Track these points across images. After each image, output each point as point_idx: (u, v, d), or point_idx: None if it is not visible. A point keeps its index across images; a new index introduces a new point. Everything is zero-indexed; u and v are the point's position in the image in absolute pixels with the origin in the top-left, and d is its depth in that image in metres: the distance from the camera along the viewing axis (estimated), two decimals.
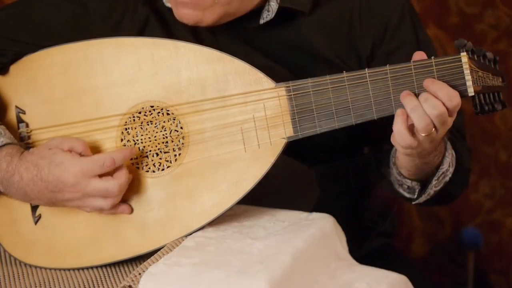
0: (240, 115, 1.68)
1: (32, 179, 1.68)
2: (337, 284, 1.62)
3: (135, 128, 1.72)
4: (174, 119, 1.71)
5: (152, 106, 1.71)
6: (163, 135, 1.71)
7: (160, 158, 1.71)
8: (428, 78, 1.60)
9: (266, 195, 1.74)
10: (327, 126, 1.66)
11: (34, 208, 1.76)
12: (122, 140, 1.72)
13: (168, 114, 1.71)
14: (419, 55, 1.63)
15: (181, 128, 1.70)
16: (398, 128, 1.59)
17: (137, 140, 1.72)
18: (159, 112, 1.71)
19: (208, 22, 1.72)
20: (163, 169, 1.71)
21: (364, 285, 1.61)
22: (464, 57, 1.61)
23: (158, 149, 1.71)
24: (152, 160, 1.72)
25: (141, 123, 1.72)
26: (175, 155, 1.71)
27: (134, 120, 1.72)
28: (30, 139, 1.77)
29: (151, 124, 1.72)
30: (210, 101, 1.69)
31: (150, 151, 1.72)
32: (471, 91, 1.61)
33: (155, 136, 1.72)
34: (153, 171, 1.71)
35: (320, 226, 1.70)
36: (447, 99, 1.58)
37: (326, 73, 1.66)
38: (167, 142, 1.71)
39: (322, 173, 1.91)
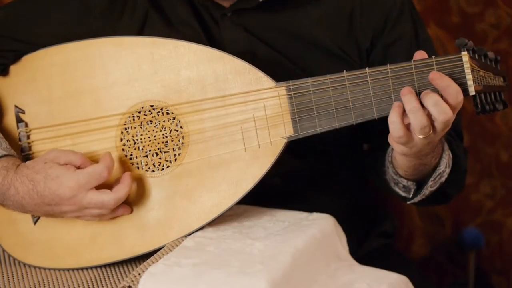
0: (240, 114, 1.67)
1: (28, 193, 1.67)
2: (337, 285, 1.62)
3: (135, 128, 1.72)
4: (174, 119, 1.70)
5: (151, 106, 1.71)
6: (163, 134, 1.71)
7: (160, 158, 1.71)
8: (433, 71, 1.58)
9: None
10: (328, 126, 1.65)
11: None
12: (121, 139, 1.72)
13: (168, 113, 1.70)
14: (419, 55, 1.62)
15: (181, 127, 1.70)
16: (393, 119, 1.58)
17: (137, 139, 1.72)
18: (158, 112, 1.71)
19: None
20: (162, 169, 1.71)
21: (364, 285, 1.60)
22: (465, 56, 1.60)
23: (158, 148, 1.71)
24: (152, 160, 1.71)
25: (141, 122, 1.71)
26: (175, 155, 1.70)
27: (133, 119, 1.72)
28: (29, 139, 1.77)
29: (151, 123, 1.71)
30: (210, 101, 1.68)
31: (149, 150, 1.71)
32: (472, 91, 1.60)
33: (154, 136, 1.71)
34: (153, 171, 1.71)
35: (320, 226, 1.69)
36: (455, 95, 1.57)
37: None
38: (167, 141, 1.71)
39: (322, 172, 1.91)
